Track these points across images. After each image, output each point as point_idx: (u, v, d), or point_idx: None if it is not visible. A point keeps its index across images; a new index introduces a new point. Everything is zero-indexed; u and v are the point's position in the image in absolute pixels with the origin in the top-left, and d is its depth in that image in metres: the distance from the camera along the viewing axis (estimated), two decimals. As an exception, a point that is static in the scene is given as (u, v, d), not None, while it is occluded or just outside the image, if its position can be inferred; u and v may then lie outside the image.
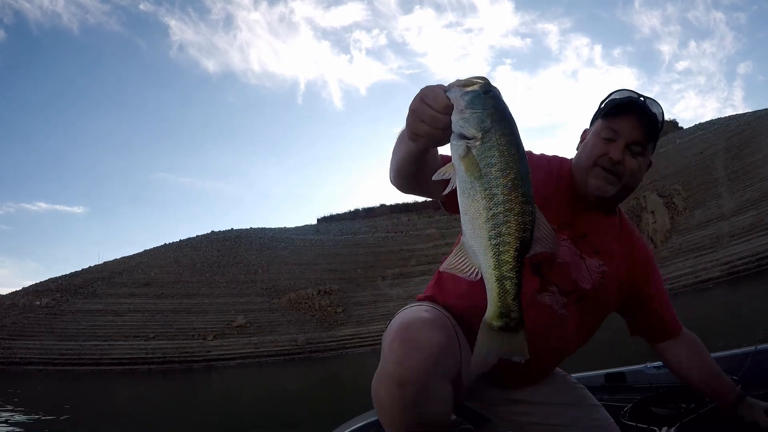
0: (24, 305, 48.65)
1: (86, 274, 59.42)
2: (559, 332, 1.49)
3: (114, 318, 47.73)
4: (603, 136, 1.47)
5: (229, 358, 41.15)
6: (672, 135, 77.09)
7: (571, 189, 1.54)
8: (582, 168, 1.50)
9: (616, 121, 1.46)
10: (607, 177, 1.46)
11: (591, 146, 1.50)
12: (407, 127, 1.07)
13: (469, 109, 0.95)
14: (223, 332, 47.50)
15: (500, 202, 0.91)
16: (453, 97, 0.97)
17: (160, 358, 38.83)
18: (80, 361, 37.50)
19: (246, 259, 68.38)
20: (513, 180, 0.91)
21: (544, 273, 1.45)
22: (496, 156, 0.92)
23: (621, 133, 1.45)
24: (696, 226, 39.67)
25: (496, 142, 0.93)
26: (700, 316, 18.17)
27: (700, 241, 36.90)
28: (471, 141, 0.93)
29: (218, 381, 28.04)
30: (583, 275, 1.49)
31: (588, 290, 1.50)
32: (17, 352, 38.98)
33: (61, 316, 47.45)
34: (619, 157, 1.44)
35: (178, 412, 14.45)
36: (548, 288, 1.45)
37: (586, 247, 1.52)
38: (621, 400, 2.37)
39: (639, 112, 1.46)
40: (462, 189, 0.95)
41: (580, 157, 1.53)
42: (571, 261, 1.48)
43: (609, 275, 1.53)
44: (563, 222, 1.49)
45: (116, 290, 54.25)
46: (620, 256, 1.59)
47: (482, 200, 0.92)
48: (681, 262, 35.55)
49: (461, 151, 0.94)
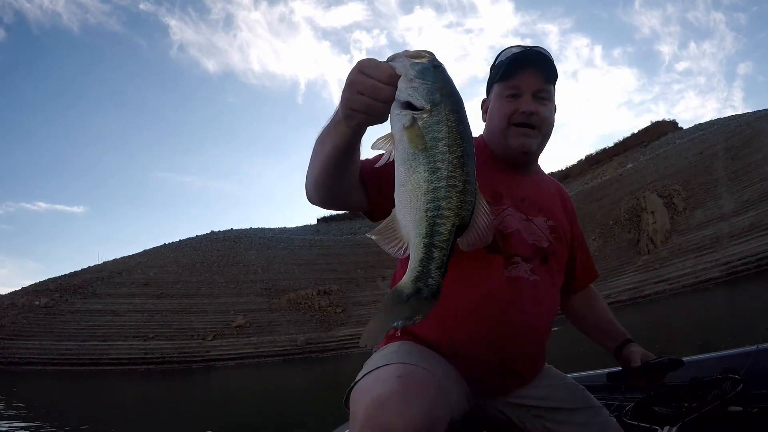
0: (23, 305, 48.58)
1: (86, 274, 59.40)
2: (535, 298, 1.44)
3: (113, 318, 47.69)
4: (507, 95, 1.47)
5: (228, 359, 41.15)
6: (672, 135, 77.20)
7: (493, 160, 1.53)
8: (497, 133, 1.50)
9: (514, 78, 1.46)
10: (525, 132, 1.46)
11: (498, 109, 1.49)
12: (342, 103, 0.99)
13: (419, 79, 0.92)
14: (223, 332, 47.50)
15: (443, 177, 0.88)
16: (400, 66, 0.94)
17: (159, 358, 38.83)
18: (79, 361, 37.45)
19: (246, 259, 68.45)
20: (459, 157, 0.90)
21: (502, 248, 1.41)
22: (444, 131, 0.90)
23: (523, 86, 1.45)
24: (696, 227, 39.67)
25: (445, 116, 0.90)
26: (701, 316, 18.24)
27: (700, 242, 36.88)
28: (418, 112, 0.90)
29: (217, 381, 27.98)
30: (537, 236, 1.49)
31: (547, 248, 1.50)
32: (16, 352, 38.95)
33: (60, 316, 47.41)
34: (531, 108, 1.44)
35: (177, 411, 14.43)
36: (512, 260, 1.42)
37: (528, 208, 1.51)
38: (623, 399, 2.37)
39: (534, 61, 1.46)
40: (403, 159, 0.91)
41: (492, 124, 1.53)
42: (521, 227, 1.46)
43: (557, 228, 1.55)
44: (498, 192, 1.47)
45: (115, 290, 54.23)
46: (557, 207, 1.61)
47: (424, 173, 0.89)
48: (681, 262, 35.57)
49: (406, 121, 0.91)
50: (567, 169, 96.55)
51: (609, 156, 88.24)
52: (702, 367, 2.50)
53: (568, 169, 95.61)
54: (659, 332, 15.64)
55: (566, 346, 6.57)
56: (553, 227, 1.54)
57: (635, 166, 64.33)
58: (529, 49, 1.47)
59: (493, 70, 1.54)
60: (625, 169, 65.92)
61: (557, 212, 1.59)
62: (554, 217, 1.56)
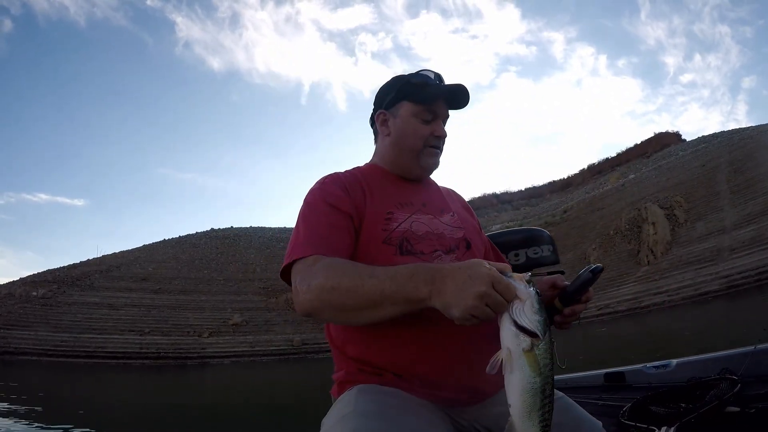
0: (20, 295, 48.55)
1: (84, 266, 59.38)
2: None
3: (110, 311, 47.59)
4: (422, 118, 1.56)
5: (223, 356, 41.04)
6: (675, 147, 77.27)
7: (390, 177, 1.62)
8: (408, 152, 1.59)
9: (434, 104, 1.56)
10: (436, 153, 1.60)
11: (414, 130, 1.57)
12: (463, 307, 1.06)
13: (539, 312, 1.09)
14: (219, 330, 47.41)
15: (548, 395, 1.10)
16: (523, 292, 1.09)
17: (154, 353, 38.71)
18: (74, 353, 37.34)
19: (245, 257, 68.38)
20: (553, 379, 1.12)
21: (417, 249, 1.44)
22: (548, 358, 1.09)
23: (439, 112, 1.57)
24: (697, 239, 39.49)
25: (548, 345, 1.10)
26: (700, 325, 18.18)
27: (701, 254, 36.69)
28: (536, 340, 1.08)
29: (211, 378, 28.01)
30: (449, 229, 1.56)
31: (464, 238, 1.57)
32: (11, 342, 38.85)
33: (57, 307, 47.35)
34: (443, 132, 1.58)
35: (169, 406, 14.43)
36: (433, 255, 1.46)
37: (432, 210, 1.58)
38: (620, 400, 2.47)
39: (452, 93, 1.57)
40: (524, 381, 1.09)
41: (402, 142, 1.59)
42: (431, 226, 1.52)
43: (463, 221, 1.64)
44: (402, 202, 1.54)
45: (113, 284, 54.19)
46: (455, 205, 1.71)
47: (540, 394, 1.09)
48: (681, 274, 35.35)
49: (526, 345, 1.08)
50: (569, 178, 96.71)
51: (611, 166, 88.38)
52: (700, 367, 2.62)
53: (570, 178, 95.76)
54: (659, 340, 15.61)
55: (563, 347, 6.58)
56: (459, 220, 1.62)
57: (637, 176, 64.27)
58: (455, 87, 1.57)
59: (409, 88, 1.58)
60: (627, 179, 65.86)
61: (458, 209, 1.69)
62: (457, 213, 1.65)
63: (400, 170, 1.62)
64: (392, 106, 1.61)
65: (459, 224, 1.60)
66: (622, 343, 21.47)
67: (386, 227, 1.44)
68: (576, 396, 2.37)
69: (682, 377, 2.48)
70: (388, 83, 1.65)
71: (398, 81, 1.62)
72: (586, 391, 2.85)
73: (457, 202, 1.75)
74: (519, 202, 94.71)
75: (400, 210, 1.50)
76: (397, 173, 1.62)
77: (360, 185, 1.53)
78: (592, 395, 2.71)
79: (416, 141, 1.56)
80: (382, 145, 1.66)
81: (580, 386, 3.01)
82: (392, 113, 1.61)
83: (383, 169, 1.64)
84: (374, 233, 1.43)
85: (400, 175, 1.62)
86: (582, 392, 2.81)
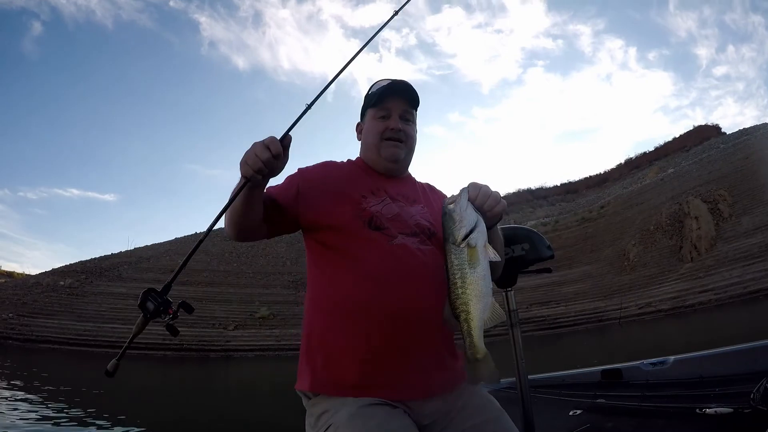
0: (48, 284, 48.93)
1: (115, 258, 59.82)
2: (426, 264, 1.62)
3: (135, 302, 46.05)
4: (378, 117, 1.83)
5: (248, 350, 40.56)
6: (715, 140, 74.67)
7: (371, 171, 1.86)
8: (372, 147, 1.84)
9: (384, 103, 1.81)
10: (394, 144, 1.81)
11: (372, 128, 1.84)
12: (244, 159, 1.49)
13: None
14: (245, 323, 46.97)
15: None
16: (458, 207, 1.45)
17: (177, 345, 38.17)
18: (96, 343, 37.15)
19: (275, 251, 67.87)
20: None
21: (384, 227, 1.66)
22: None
23: (392, 109, 1.81)
24: (743, 234, 37.75)
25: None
26: (755, 326, 16.78)
27: (748, 250, 35.05)
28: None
29: (236, 371, 27.77)
30: (417, 217, 1.74)
31: (430, 227, 1.73)
32: (34, 330, 38.93)
33: (83, 297, 47.53)
34: (398, 125, 1.80)
35: (188, 396, 14.18)
36: (396, 235, 1.65)
37: (404, 200, 1.79)
38: (617, 397, 2.56)
39: (400, 90, 1.83)
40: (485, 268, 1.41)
41: (367, 141, 1.87)
42: (401, 212, 1.73)
43: (434, 213, 1.78)
44: (376, 189, 1.76)
45: (141, 275, 54.21)
46: (430, 198, 1.90)
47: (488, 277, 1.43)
48: (727, 271, 33.82)
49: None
50: (605, 173, 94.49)
51: (649, 160, 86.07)
52: (697, 364, 2.65)
53: (606, 173, 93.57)
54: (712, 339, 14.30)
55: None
56: (430, 212, 1.79)
57: (677, 170, 62.00)
58: (396, 81, 1.84)
59: (367, 98, 1.88)
60: (667, 173, 63.64)
61: (431, 202, 1.87)
62: (429, 205, 1.84)
63: (373, 165, 1.86)
64: (363, 117, 1.93)
65: (427, 216, 1.78)
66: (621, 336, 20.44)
67: (358, 206, 1.68)
68: (573, 393, 2.79)
69: (680, 374, 2.55)
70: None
71: (366, 95, 1.89)
72: (583, 387, 2.88)
73: (432, 197, 1.92)
74: (554, 197, 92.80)
75: (373, 196, 1.73)
76: (374, 168, 1.86)
77: (339, 174, 1.81)
78: (589, 392, 2.75)
79: (374, 136, 1.83)
80: (360, 148, 1.94)
81: (577, 383, 3.02)
82: (363, 122, 1.93)
83: (366, 164, 1.88)
84: (344, 210, 1.67)
85: (375, 170, 1.86)
86: (579, 389, 2.86)
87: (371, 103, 1.84)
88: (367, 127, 1.86)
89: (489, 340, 1.39)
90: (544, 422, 2.23)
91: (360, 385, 1.51)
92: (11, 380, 16.60)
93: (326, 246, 1.68)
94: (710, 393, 2.13)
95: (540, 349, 21.88)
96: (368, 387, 1.50)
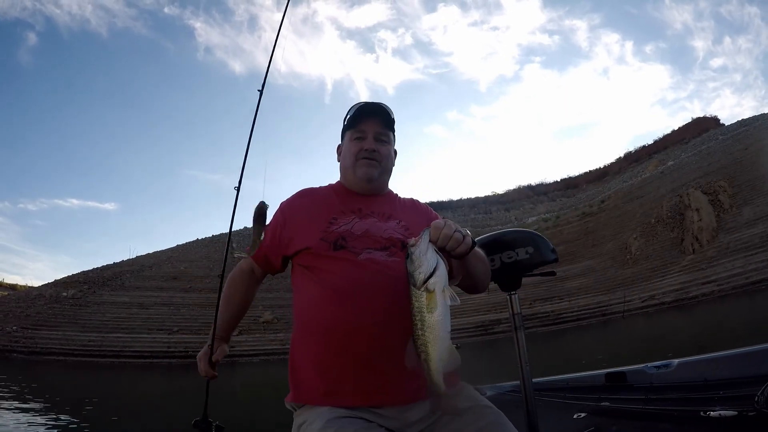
0: (51, 296, 48.94)
1: (117, 267, 59.82)
2: (395, 275, 1.60)
3: (139, 311, 47.67)
4: (354, 138, 1.88)
5: (253, 354, 40.41)
6: (714, 131, 74.61)
7: (347, 192, 1.91)
8: (348, 167, 1.89)
9: (360, 125, 1.87)
10: (369, 163, 1.84)
11: (348, 149, 1.89)
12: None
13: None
14: (249, 328, 46.89)
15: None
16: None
17: (182, 353, 38.11)
18: (101, 353, 37.25)
19: (277, 254, 68.09)
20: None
21: (351, 245, 1.70)
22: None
23: (367, 130, 1.86)
24: (744, 224, 37.75)
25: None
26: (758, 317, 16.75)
27: (750, 240, 35.07)
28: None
29: (241, 376, 27.68)
30: (389, 231, 1.77)
31: (404, 239, 1.72)
32: (39, 342, 38.93)
33: (86, 307, 47.55)
34: (372, 146, 1.84)
35: (196, 404, 14.11)
36: (361, 251, 1.68)
37: (380, 216, 1.82)
38: (621, 400, 2.54)
39: (375, 112, 1.88)
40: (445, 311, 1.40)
41: (344, 161, 1.93)
42: (373, 228, 1.76)
43: (410, 226, 1.81)
44: (350, 209, 1.82)
45: (144, 283, 54.28)
46: (409, 212, 1.92)
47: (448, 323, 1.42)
48: (729, 262, 33.83)
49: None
50: (605, 167, 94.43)
51: (648, 153, 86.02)
52: (702, 367, 2.60)
53: (606, 168, 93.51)
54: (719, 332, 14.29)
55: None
56: (406, 226, 1.81)
57: (677, 163, 62.01)
58: (370, 103, 1.90)
59: (345, 121, 1.94)
60: (666, 166, 63.66)
61: (409, 216, 1.90)
62: (406, 219, 1.86)
63: (350, 185, 1.92)
64: (342, 139, 1.97)
65: (401, 230, 1.79)
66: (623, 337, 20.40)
67: (326, 229, 1.74)
68: (577, 396, 2.81)
69: (684, 377, 2.56)
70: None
71: (346, 116, 1.94)
72: (587, 390, 2.92)
73: (413, 210, 1.96)
74: (555, 193, 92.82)
75: (344, 215, 1.79)
76: (352, 188, 1.91)
77: (313, 200, 1.89)
78: (593, 395, 2.78)
79: (350, 157, 1.88)
80: (339, 170, 1.98)
81: (581, 386, 3.06)
82: (343, 144, 1.96)
83: (342, 186, 1.95)
84: (314, 234, 1.73)
85: (353, 189, 1.91)
86: (583, 392, 2.88)
87: (347, 125, 1.91)
88: (345, 149, 1.92)
89: (492, 338, 1.39)
90: (548, 425, 2.27)
91: (330, 392, 1.59)
92: (16, 393, 16.50)
93: (300, 267, 1.79)
94: (714, 396, 2.17)
95: (543, 346, 21.84)
96: (335, 394, 1.58)
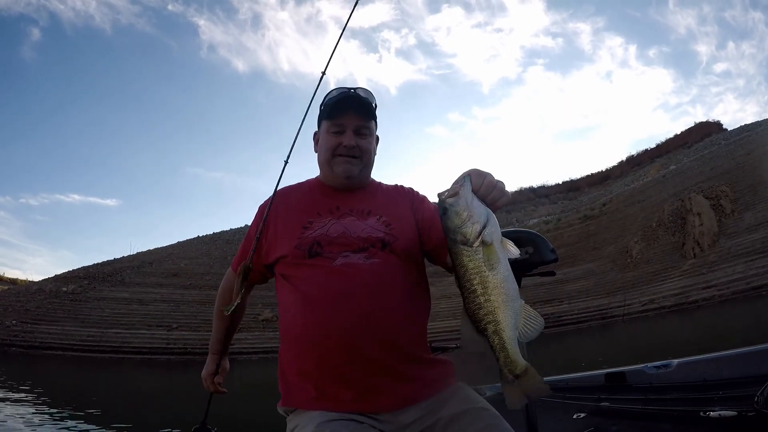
0: (50, 291, 49.01)
1: (117, 263, 59.85)
2: (378, 276, 1.59)
3: (138, 307, 47.63)
4: (332, 131, 1.76)
5: (252, 352, 40.46)
6: (717, 136, 74.48)
7: (326, 188, 1.83)
8: (324, 162, 1.80)
9: (338, 116, 1.75)
10: (348, 160, 1.75)
11: (325, 143, 1.78)
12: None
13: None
14: (249, 325, 46.87)
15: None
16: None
17: (181, 349, 38.28)
18: (99, 348, 37.34)
19: (277, 252, 68.14)
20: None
21: (322, 252, 1.63)
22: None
23: (346, 123, 1.75)
24: (746, 230, 37.66)
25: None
26: (758, 321, 16.72)
27: (751, 245, 34.98)
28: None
29: (240, 374, 27.74)
30: (368, 230, 1.68)
31: (384, 237, 1.67)
32: (38, 336, 39.01)
33: (86, 302, 47.61)
34: (351, 143, 1.74)
35: (194, 400, 14.16)
36: (337, 256, 1.61)
37: (358, 214, 1.73)
38: (621, 400, 2.54)
39: (355, 103, 1.76)
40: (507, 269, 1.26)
41: (320, 155, 1.82)
42: (350, 228, 1.68)
43: (392, 221, 1.73)
44: (327, 209, 1.74)
45: (144, 279, 54.30)
46: (393, 204, 1.82)
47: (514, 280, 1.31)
48: (730, 267, 33.73)
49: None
50: (607, 170, 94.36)
51: (650, 157, 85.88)
52: (702, 367, 2.60)
53: (608, 171, 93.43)
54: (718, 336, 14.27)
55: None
56: (387, 221, 1.72)
57: (679, 167, 61.90)
58: (351, 92, 1.78)
59: (322, 108, 1.84)
60: (668, 170, 63.54)
61: (392, 209, 1.79)
62: (388, 213, 1.76)
63: (328, 181, 1.83)
64: (319, 127, 1.86)
65: (382, 227, 1.70)
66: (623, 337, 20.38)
67: (301, 235, 1.67)
68: (577, 396, 2.78)
69: (684, 378, 2.55)
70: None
71: (323, 102, 1.84)
72: (586, 391, 2.91)
73: (397, 200, 1.85)
74: (556, 195, 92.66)
75: (320, 217, 1.71)
76: (330, 184, 1.83)
77: (288, 203, 1.82)
78: (593, 395, 2.77)
79: (327, 153, 1.77)
80: (317, 160, 1.86)
81: (581, 386, 3.05)
82: (319, 133, 1.85)
83: (320, 182, 1.86)
84: (289, 242, 1.68)
85: (331, 185, 1.82)
86: (582, 392, 2.87)
87: (327, 114, 1.80)
88: (321, 141, 1.81)
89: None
90: (548, 425, 2.26)
91: (318, 397, 1.56)
92: (15, 387, 16.55)
93: (279, 276, 1.75)
94: (714, 396, 2.15)
95: (543, 347, 21.81)
96: (323, 400, 1.55)
